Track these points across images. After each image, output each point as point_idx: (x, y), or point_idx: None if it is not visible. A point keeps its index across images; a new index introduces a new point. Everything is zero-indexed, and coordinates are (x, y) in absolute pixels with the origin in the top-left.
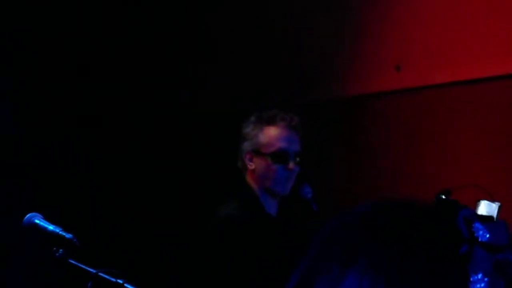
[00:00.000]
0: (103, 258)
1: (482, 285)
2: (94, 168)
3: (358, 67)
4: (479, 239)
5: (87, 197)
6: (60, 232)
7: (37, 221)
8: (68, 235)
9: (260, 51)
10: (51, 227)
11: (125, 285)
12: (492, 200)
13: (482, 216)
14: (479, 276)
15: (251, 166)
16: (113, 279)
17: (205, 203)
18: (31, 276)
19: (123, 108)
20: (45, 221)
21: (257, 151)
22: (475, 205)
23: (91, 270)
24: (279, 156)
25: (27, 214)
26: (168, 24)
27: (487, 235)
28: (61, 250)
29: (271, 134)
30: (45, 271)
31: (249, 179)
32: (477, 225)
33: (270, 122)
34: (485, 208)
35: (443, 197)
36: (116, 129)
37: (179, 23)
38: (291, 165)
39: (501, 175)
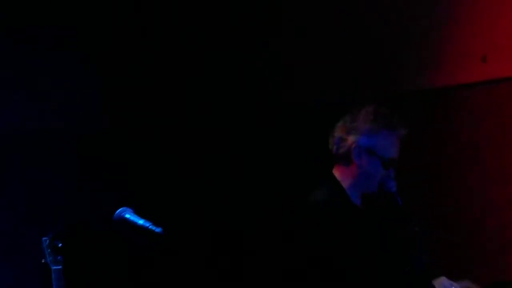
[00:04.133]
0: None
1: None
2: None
3: (444, 59)
4: None
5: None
6: (150, 227)
7: (127, 215)
8: (158, 229)
9: (348, 43)
10: (141, 221)
11: None
12: None
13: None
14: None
15: (358, 161)
16: None
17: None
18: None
19: (215, 100)
20: (135, 215)
21: (371, 151)
22: None
23: None
24: (391, 164)
25: (117, 208)
26: (258, 15)
27: None
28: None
29: (389, 141)
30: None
31: (340, 168)
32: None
33: (390, 127)
34: None
35: None
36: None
37: (270, 14)
38: (393, 172)
39: None
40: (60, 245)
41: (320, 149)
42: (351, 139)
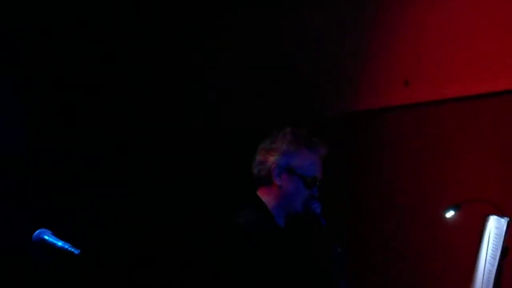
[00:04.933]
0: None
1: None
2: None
3: (367, 82)
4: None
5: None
6: (69, 248)
7: (46, 237)
8: (77, 251)
9: (274, 70)
10: (60, 243)
11: None
12: (501, 215)
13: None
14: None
15: (278, 181)
16: None
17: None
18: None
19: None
20: (54, 237)
21: (291, 170)
22: (485, 220)
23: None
24: (313, 183)
25: (35, 230)
26: (190, 42)
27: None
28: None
29: (309, 159)
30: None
31: (264, 190)
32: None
33: (309, 146)
34: (495, 223)
35: (453, 211)
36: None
37: (200, 41)
38: (317, 192)
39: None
40: None
41: (244, 173)
42: (271, 160)
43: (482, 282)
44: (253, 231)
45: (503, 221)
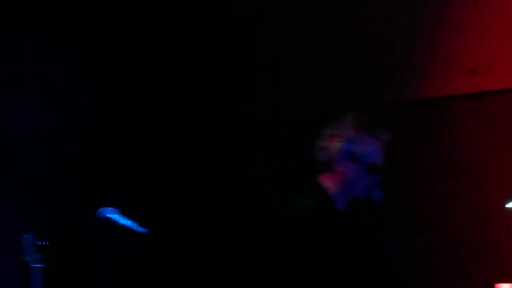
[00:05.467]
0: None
1: None
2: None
3: (434, 69)
4: None
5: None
6: (135, 227)
7: (111, 215)
8: (142, 230)
9: (336, 54)
10: (125, 221)
11: None
12: None
13: None
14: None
15: (341, 167)
16: None
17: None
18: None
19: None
20: (120, 216)
21: (353, 157)
22: None
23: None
24: (375, 169)
25: (102, 208)
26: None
27: None
28: (132, 244)
29: (372, 146)
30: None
31: (326, 176)
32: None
33: (373, 132)
34: None
35: None
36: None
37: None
38: (379, 179)
39: None
40: (42, 243)
41: (308, 158)
42: (334, 146)
43: None
44: (313, 216)
45: None
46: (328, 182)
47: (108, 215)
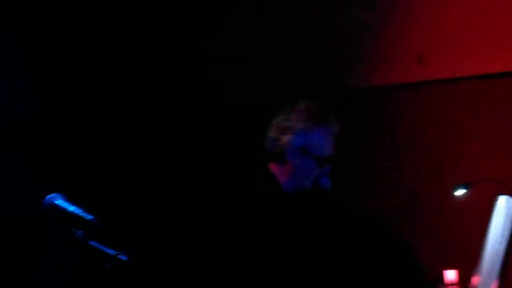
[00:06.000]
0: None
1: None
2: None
3: (380, 58)
4: None
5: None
6: (81, 214)
7: (58, 201)
8: (89, 217)
9: (285, 45)
10: (72, 208)
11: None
12: None
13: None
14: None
15: (292, 160)
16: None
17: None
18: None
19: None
20: (66, 202)
21: (304, 151)
22: (495, 199)
23: (111, 252)
24: (325, 162)
25: (48, 194)
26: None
27: None
28: (80, 231)
29: (324, 139)
30: (66, 252)
31: (275, 166)
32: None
33: (324, 124)
34: (505, 203)
35: (463, 190)
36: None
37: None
38: (329, 169)
39: None
40: None
41: (257, 145)
42: (284, 138)
43: (491, 261)
44: (263, 203)
45: None
46: (277, 172)
47: (55, 202)
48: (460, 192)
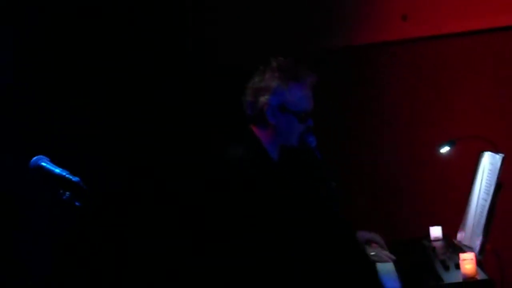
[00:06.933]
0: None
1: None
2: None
3: (366, 17)
4: None
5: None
6: (67, 175)
7: (43, 163)
8: (75, 178)
9: (271, 5)
10: (57, 170)
11: None
12: (496, 151)
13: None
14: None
15: (272, 120)
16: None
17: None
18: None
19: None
20: (51, 164)
21: (283, 108)
22: (479, 156)
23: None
24: (305, 116)
25: (33, 156)
26: None
27: None
28: (67, 193)
29: (300, 93)
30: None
31: (257, 128)
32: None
33: (296, 79)
34: (489, 159)
35: (448, 147)
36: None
37: None
38: (311, 122)
39: (508, 125)
40: None
41: (237, 107)
42: (262, 100)
43: (475, 216)
44: (247, 166)
45: (498, 157)
46: (260, 134)
47: (41, 163)
48: (445, 149)
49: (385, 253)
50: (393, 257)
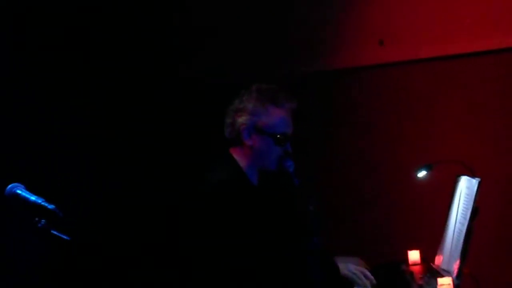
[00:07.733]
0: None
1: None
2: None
3: (342, 41)
4: None
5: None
6: (43, 203)
7: (18, 191)
8: (51, 206)
9: (249, 24)
10: (33, 198)
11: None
12: (472, 176)
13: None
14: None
15: (249, 141)
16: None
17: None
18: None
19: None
20: (27, 192)
21: (259, 130)
22: (456, 180)
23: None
24: (283, 139)
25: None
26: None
27: None
28: (43, 220)
29: (277, 116)
30: (29, 241)
31: (236, 150)
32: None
33: (276, 102)
34: (466, 183)
35: (425, 171)
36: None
37: None
38: (289, 148)
39: (484, 149)
40: None
41: (218, 129)
42: (239, 121)
43: (452, 241)
44: (226, 190)
45: (474, 182)
46: (239, 156)
47: (17, 191)
48: (422, 174)
49: (368, 276)
50: (374, 281)
